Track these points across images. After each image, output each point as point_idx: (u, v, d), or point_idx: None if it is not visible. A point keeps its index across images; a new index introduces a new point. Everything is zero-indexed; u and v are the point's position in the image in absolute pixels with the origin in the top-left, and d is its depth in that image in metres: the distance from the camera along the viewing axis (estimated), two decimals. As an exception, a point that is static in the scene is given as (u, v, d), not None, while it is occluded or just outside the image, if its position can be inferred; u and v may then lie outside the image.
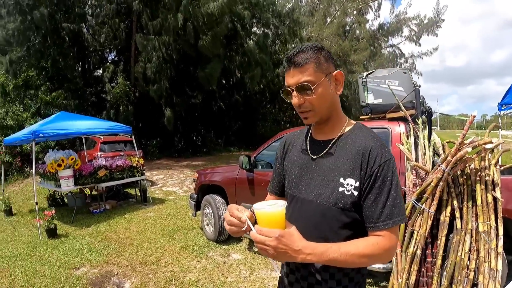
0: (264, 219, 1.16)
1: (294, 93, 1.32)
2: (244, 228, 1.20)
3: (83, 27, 18.26)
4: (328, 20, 26.95)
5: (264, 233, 1.12)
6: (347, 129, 1.42)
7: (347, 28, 28.34)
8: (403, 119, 3.88)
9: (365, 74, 4.39)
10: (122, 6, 17.54)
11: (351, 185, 1.28)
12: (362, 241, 1.24)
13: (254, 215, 1.23)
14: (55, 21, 17.03)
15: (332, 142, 1.39)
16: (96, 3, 19.40)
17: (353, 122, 1.46)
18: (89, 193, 8.00)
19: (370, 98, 4.27)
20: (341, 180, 1.30)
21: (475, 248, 3.13)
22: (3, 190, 9.54)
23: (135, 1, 16.33)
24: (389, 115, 4.08)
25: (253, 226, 1.17)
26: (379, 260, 1.26)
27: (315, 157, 1.40)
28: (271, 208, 1.16)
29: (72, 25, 17.16)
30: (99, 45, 19.29)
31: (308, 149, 1.45)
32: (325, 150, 1.38)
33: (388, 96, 4.05)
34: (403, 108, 3.75)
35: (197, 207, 6.18)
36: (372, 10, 28.12)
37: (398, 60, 29.17)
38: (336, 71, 1.36)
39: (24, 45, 16.37)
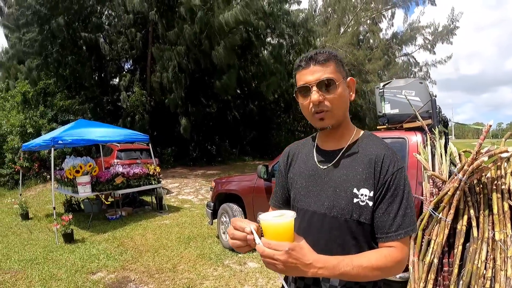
0: (271, 231, 1.08)
1: (314, 88, 1.25)
2: (250, 240, 1.11)
3: (100, 37, 18.52)
4: (342, 29, 26.94)
5: (272, 246, 1.04)
6: (356, 138, 1.38)
7: (361, 37, 28.27)
8: (419, 129, 3.88)
9: (381, 84, 4.39)
10: (138, 16, 17.75)
11: (366, 195, 1.24)
12: (374, 253, 1.20)
13: (260, 227, 1.13)
14: (73, 30, 17.33)
15: (342, 152, 1.34)
16: (113, 13, 19.74)
17: (361, 131, 1.43)
18: (108, 203, 8.06)
19: (387, 108, 4.27)
20: (355, 190, 1.25)
21: (491, 256, 3.07)
22: (20, 195, 9.67)
23: (152, 11, 16.54)
24: (406, 125, 4.07)
25: (260, 238, 1.08)
26: (390, 273, 1.21)
27: (325, 167, 1.34)
28: (279, 220, 1.08)
29: (89, 34, 17.45)
30: (115, 55, 19.53)
31: (316, 159, 1.39)
32: (335, 160, 1.33)
33: (404, 106, 4.05)
34: (420, 118, 3.76)
35: (214, 215, 6.18)
36: (385, 19, 28.01)
37: (413, 69, 28.87)
38: (349, 78, 1.35)
39: (42, 54, 16.65)
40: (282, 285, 1.23)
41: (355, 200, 1.24)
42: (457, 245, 3.13)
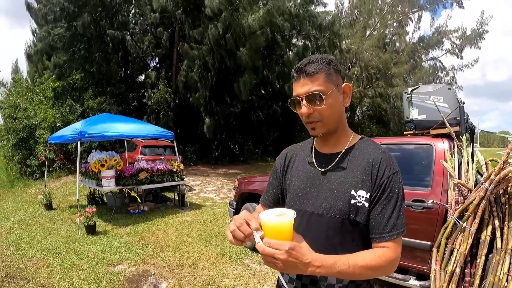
0: (271, 230, 1.09)
1: (304, 102, 1.31)
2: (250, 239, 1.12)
3: (127, 35, 18.81)
4: (368, 32, 26.68)
5: (273, 245, 1.05)
6: (354, 142, 1.42)
7: (387, 40, 27.95)
8: (446, 136, 3.84)
9: (409, 89, 4.37)
10: (164, 15, 17.94)
11: (363, 197, 1.28)
12: (369, 253, 1.24)
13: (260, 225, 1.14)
14: (100, 28, 17.66)
15: (340, 155, 1.38)
16: (139, 11, 20.01)
17: (358, 136, 1.46)
18: (134, 194, 8.14)
19: (414, 114, 4.25)
20: (353, 192, 1.29)
21: None
22: (45, 185, 9.84)
23: (178, 11, 16.69)
24: (433, 132, 4.03)
25: (259, 236, 1.09)
26: (384, 272, 1.26)
27: (323, 170, 1.38)
28: (280, 219, 1.09)
29: (116, 32, 17.73)
30: (141, 52, 19.81)
31: (315, 162, 1.42)
32: (333, 163, 1.37)
33: (432, 112, 4.03)
34: (448, 125, 3.69)
35: (236, 214, 6.13)
36: (412, 22, 27.59)
37: (439, 74, 28.41)
38: (344, 84, 1.37)
39: (70, 49, 16.98)
40: (282, 284, 1.35)
41: (353, 201, 1.28)
42: (480, 256, 3.08)
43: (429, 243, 3.45)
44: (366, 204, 1.27)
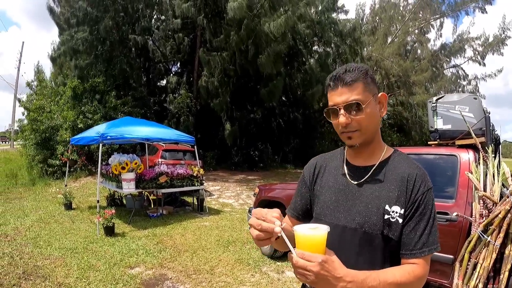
0: (304, 242, 1.07)
1: (342, 111, 1.28)
2: (276, 232, 1.11)
3: (149, 39, 19.04)
4: (389, 39, 26.45)
5: (306, 257, 1.04)
6: (387, 155, 1.39)
7: (408, 47, 27.66)
8: (472, 147, 3.74)
9: (434, 98, 4.30)
10: (186, 21, 18.10)
11: (397, 213, 1.26)
12: (398, 270, 1.22)
13: (281, 233, 1.11)
14: (122, 32, 17.91)
15: (374, 168, 1.35)
16: (162, 17, 20.26)
17: (391, 148, 1.44)
18: (154, 197, 8.20)
19: (439, 124, 4.17)
20: (387, 207, 1.27)
21: None
22: (66, 185, 9.99)
23: (200, 17, 16.82)
24: (458, 142, 3.94)
25: (293, 248, 1.09)
26: None
27: (356, 183, 1.35)
28: (314, 232, 1.08)
29: (138, 37, 17.96)
30: (163, 57, 20.02)
31: (347, 174, 1.39)
32: (367, 176, 1.34)
33: (457, 122, 3.94)
34: (473, 135, 3.59)
35: (256, 222, 6.11)
36: (434, 29, 27.21)
37: (461, 82, 27.90)
38: (380, 93, 1.35)
39: (92, 53, 17.25)
40: None
41: (386, 216, 1.26)
42: (504, 271, 2.98)
43: (451, 256, 3.36)
44: (400, 220, 1.25)
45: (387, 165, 1.35)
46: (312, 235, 1.07)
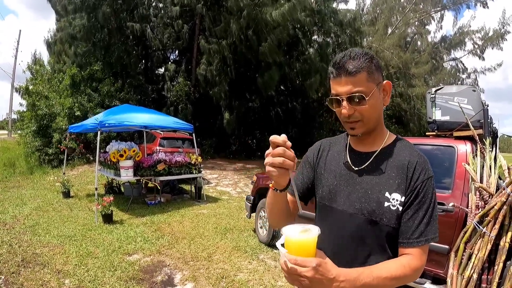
0: (296, 247, 1.05)
1: (344, 103, 1.25)
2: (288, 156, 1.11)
3: (147, 27, 18.88)
4: (390, 30, 26.28)
5: (299, 263, 1.01)
6: (389, 141, 1.38)
7: (408, 39, 27.51)
8: (469, 138, 3.76)
9: (433, 90, 4.30)
10: (185, 8, 17.96)
11: (397, 200, 1.25)
12: (393, 263, 1.21)
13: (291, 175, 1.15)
14: (120, 20, 17.76)
15: (375, 155, 1.34)
16: (160, 4, 20.08)
17: (394, 135, 1.42)
18: (152, 185, 8.20)
19: (437, 115, 4.18)
20: (387, 194, 1.26)
21: None
22: (64, 174, 9.99)
23: (199, 5, 16.69)
24: (456, 133, 3.96)
25: (285, 252, 1.05)
26: (408, 280, 1.23)
27: (357, 169, 1.34)
28: (305, 236, 1.05)
29: (136, 24, 17.80)
30: (161, 45, 19.87)
31: (349, 160, 1.38)
32: (368, 162, 1.33)
33: (456, 114, 3.96)
34: (472, 127, 3.61)
35: (253, 209, 6.16)
36: (434, 21, 27.07)
37: (461, 75, 27.84)
38: (385, 81, 1.32)
39: (90, 40, 17.13)
40: None
41: (386, 204, 1.25)
42: (498, 262, 3.01)
43: (447, 246, 3.39)
44: (400, 208, 1.24)
45: (388, 152, 1.34)
46: (304, 239, 1.05)
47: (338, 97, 1.26)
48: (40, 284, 3.97)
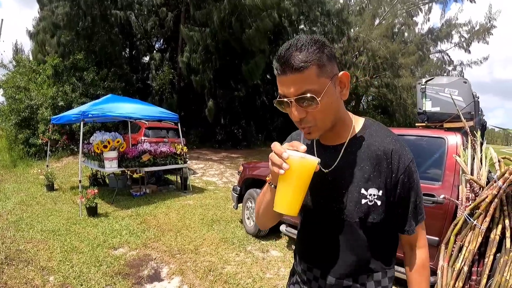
0: (296, 161, 1.04)
1: (294, 104, 1.08)
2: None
3: (132, 15, 18.56)
4: (377, 21, 26.31)
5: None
6: (357, 128, 1.26)
7: (396, 30, 27.57)
8: (459, 130, 3.75)
9: (424, 80, 4.28)
10: (169, -5, 17.72)
11: (375, 195, 1.17)
12: (422, 280, 1.26)
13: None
14: (104, 7, 17.40)
15: (344, 148, 1.22)
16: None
17: (361, 119, 1.30)
18: (137, 176, 8.07)
19: (428, 106, 4.16)
20: (363, 191, 1.17)
21: None
22: (47, 166, 9.79)
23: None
24: (446, 125, 3.95)
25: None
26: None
27: (329, 170, 1.21)
28: (306, 155, 1.06)
29: (120, 12, 17.49)
30: (146, 33, 19.60)
31: (318, 156, 1.22)
32: (338, 159, 1.21)
33: (446, 105, 3.94)
34: (463, 118, 3.58)
35: (240, 200, 6.10)
36: (422, 13, 27.16)
37: (447, 67, 28.04)
38: (341, 73, 1.12)
39: (73, 29, 16.77)
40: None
41: (364, 201, 1.17)
42: (488, 255, 3.03)
43: (436, 238, 3.39)
44: (379, 202, 1.16)
45: (358, 142, 1.22)
46: (306, 157, 1.05)
47: (285, 100, 1.09)
48: (24, 282, 3.85)
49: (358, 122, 1.28)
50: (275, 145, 1.08)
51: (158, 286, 3.94)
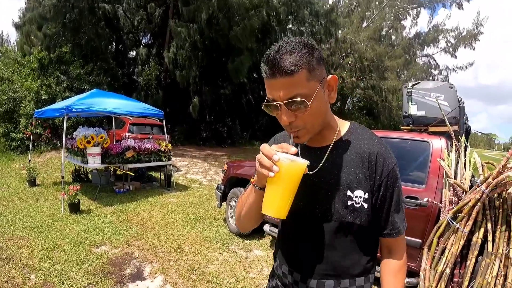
0: (286, 165, 1.04)
1: (283, 108, 1.07)
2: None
3: (120, 8, 18.34)
4: (365, 23, 26.53)
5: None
6: (343, 131, 1.27)
7: (383, 33, 27.84)
8: (444, 134, 3.80)
9: (410, 84, 4.34)
10: (158, -10, 17.55)
11: (360, 197, 1.17)
12: (396, 281, 1.27)
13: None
14: (92, 0, 17.17)
15: (329, 150, 1.21)
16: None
17: (346, 122, 1.31)
18: (121, 172, 7.96)
19: (413, 109, 4.22)
20: (349, 193, 1.17)
21: (502, 273, 2.99)
22: (29, 161, 9.63)
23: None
24: (431, 129, 4.01)
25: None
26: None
27: (313, 172, 1.20)
28: (296, 158, 1.06)
29: (108, 5, 17.27)
30: (133, 28, 19.40)
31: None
32: (324, 160, 1.20)
33: (432, 109, 4.01)
34: (448, 123, 3.62)
35: (223, 198, 6.08)
36: (410, 17, 27.49)
37: (432, 71, 28.44)
38: (330, 76, 1.13)
39: (60, 21, 16.51)
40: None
41: (349, 202, 1.18)
42: (470, 258, 3.06)
43: (419, 240, 3.43)
44: (365, 205, 1.17)
45: (344, 145, 1.23)
46: (295, 160, 1.05)
47: (275, 103, 1.07)
48: (5, 280, 3.77)
49: (343, 125, 1.29)
50: (265, 147, 1.06)
51: (140, 285, 3.90)
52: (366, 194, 1.17)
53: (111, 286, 3.81)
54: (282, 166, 1.03)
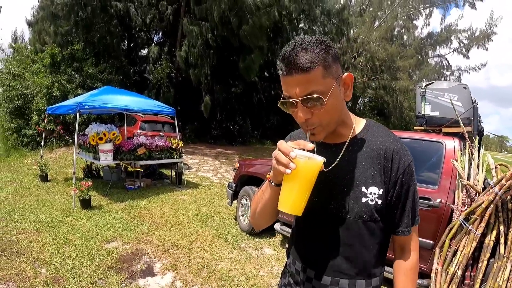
0: (302, 163, 1.04)
1: (299, 105, 1.07)
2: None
3: (132, 7, 18.44)
4: (377, 23, 26.36)
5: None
6: (359, 129, 1.27)
7: (395, 33, 27.63)
8: (457, 135, 3.76)
9: (424, 84, 4.32)
10: (170, -12, 17.60)
11: (375, 194, 1.17)
12: (412, 283, 1.26)
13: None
14: (104, -2, 17.30)
15: (345, 147, 1.22)
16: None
17: (362, 120, 1.31)
18: (132, 169, 8.02)
19: (427, 110, 4.20)
20: (364, 189, 1.17)
21: None
22: (41, 156, 9.72)
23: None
24: (445, 129, 3.97)
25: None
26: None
27: (329, 168, 1.20)
28: (313, 155, 1.05)
29: (120, 3, 17.37)
30: (145, 26, 19.48)
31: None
32: (340, 157, 1.21)
33: (445, 110, 3.98)
34: (462, 124, 3.59)
35: (234, 196, 6.09)
36: (422, 16, 27.25)
37: (445, 72, 28.15)
38: (345, 74, 1.13)
39: (72, 19, 16.64)
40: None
41: (364, 199, 1.17)
42: (482, 260, 3.04)
43: (431, 242, 3.40)
44: (379, 201, 1.17)
45: (360, 142, 1.23)
46: (312, 157, 1.05)
47: (291, 100, 1.08)
48: (15, 273, 3.81)
49: (359, 123, 1.29)
50: (282, 143, 1.06)
51: (151, 281, 3.92)
52: (381, 190, 1.17)
53: (122, 281, 3.83)
54: (299, 163, 1.03)
